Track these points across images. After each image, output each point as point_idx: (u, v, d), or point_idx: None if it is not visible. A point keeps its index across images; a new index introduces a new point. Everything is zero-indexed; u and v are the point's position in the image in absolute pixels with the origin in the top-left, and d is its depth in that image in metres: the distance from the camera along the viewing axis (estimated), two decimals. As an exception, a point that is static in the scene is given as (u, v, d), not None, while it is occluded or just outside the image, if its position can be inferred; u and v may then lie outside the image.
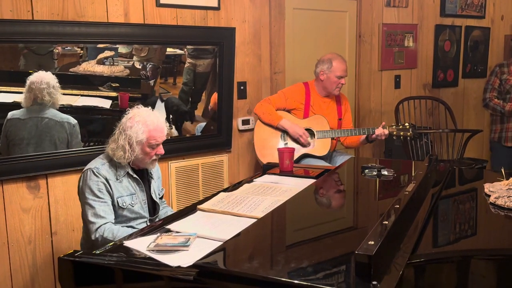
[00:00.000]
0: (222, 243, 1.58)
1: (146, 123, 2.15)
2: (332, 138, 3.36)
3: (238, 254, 1.55)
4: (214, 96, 3.46)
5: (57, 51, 2.77)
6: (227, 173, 3.61)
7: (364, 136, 3.35)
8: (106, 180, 2.13)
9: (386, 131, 3.28)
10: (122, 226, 2.16)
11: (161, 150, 2.21)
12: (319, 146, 3.34)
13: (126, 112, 2.21)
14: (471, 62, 5.19)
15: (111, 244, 1.74)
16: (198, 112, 3.45)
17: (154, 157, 2.21)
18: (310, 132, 3.35)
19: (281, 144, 3.33)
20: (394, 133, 3.32)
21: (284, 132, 3.35)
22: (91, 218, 2.08)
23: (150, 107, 2.24)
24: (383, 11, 4.40)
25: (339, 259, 1.46)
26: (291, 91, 3.44)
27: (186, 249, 1.60)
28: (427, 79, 4.86)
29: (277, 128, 3.35)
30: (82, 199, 2.14)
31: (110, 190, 2.14)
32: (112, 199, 2.14)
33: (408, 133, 3.29)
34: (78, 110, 2.90)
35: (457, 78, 5.11)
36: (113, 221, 2.12)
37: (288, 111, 3.42)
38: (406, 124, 3.34)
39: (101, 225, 2.07)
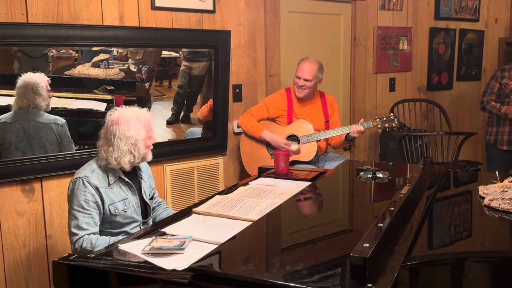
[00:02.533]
0: (217, 246, 1.58)
1: (139, 119, 2.17)
2: (318, 141, 3.35)
3: (233, 257, 1.55)
4: (203, 109, 3.46)
5: (51, 54, 2.76)
6: (223, 176, 3.60)
7: (344, 135, 3.34)
8: (97, 189, 2.09)
9: (361, 128, 3.26)
10: (114, 232, 2.16)
11: (155, 138, 2.28)
12: (306, 151, 3.33)
13: (102, 122, 2.19)
14: (465, 65, 5.22)
15: (104, 248, 1.74)
16: (194, 115, 3.45)
17: (152, 147, 2.26)
18: (295, 138, 3.35)
19: (268, 156, 3.34)
20: (379, 126, 3.28)
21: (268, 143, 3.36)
22: (72, 229, 2.07)
23: (123, 106, 2.21)
24: (377, 14, 4.42)
25: (334, 261, 1.46)
26: (272, 100, 3.43)
27: (181, 252, 1.60)
28: (421, 82, 4.89)
29: (259, 140, 3.36)
30: (69, 207, 2.13)
31: (100, 200, 2.10)
32: (101, 209, 2.11)
33: (393, 124, 3.26)
34: (73, 113, 2.89)
35: (452, 81, 5.14)
36: (95, 233, 2.09)
37: (273, 119, 3.42)
38: (391, 114, 3.32)
39: (81, 237, 2.04)
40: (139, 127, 2.15)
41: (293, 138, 3.36)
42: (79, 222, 2.06)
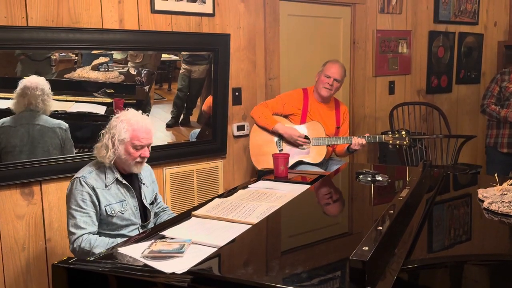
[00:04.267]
0: (216, 249, 1.58)
1: (130, 122, 2.14)
2: (328, 145, 3.36)
3: (232, 260, 1.55)
4: (208, 100, 3.45)
5: (54, 57, 2.76)
6: (222, 179, 3.60)
7: (346, 146, 3.35)
8: (93, 189, 2.11)
9: (363, 141, 3.26)
10: (112, 234, 2.16)
11: (145, 153, 2.18)
12: (315, 153, 3.33)
13: (115, 114, 2.21)
14: (464, 68, 5.23)
15: (104, 251, 1.74)
16: (193, 118, 3.45)
17: (139, 160, 2.17)
18: (306, 139, 3.35)
19: (276, 151, 3.33)
20: (390, 141, 3.29)
21: (280, 138, 3.35)
22: (71, 228, 2.08)
23: (140, 111, 2.22)
24: (377, 17, 4.43)
25: (333, 265, 1.46)
26: (288, 96, 3.44)
27: (181, 255, 1.60)
28: (421, 85, 4.89)
29: (272, 132, 3.35)
30: (67, 207, 2.14)
31: (96, 200, 2.11)
32: (98, 209, 2.12)
33: (405, 142, 3.26)
34: (73, 116, 2.89)
35: (451, 84, 5.14)
36: (94, 232, 2.09)
37: (286, 116, 3.42)
38: (403, 132, 3.31)
39: (79, 236, 2.05)
40: (126, 129, 2.13)
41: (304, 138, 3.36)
42: (77, 221, 2.07)
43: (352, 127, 4.40)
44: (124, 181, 2.20)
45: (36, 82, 2.69)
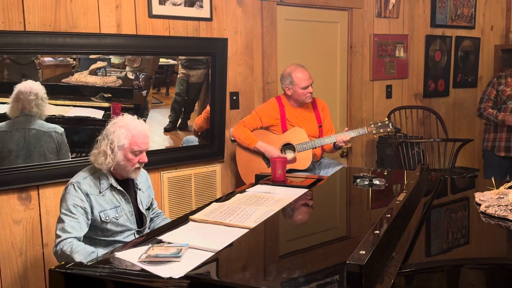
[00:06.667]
0: (214, 253, 1.58)
1: (129, 128, 2.14)
2: (313, 148, 3.35)
3: (230, 264, 1.55)
4: (197, 121, 3.45)
5: (38, 61, 2.74)
6: (220, 183, 3.60)
7: (332, 144, 3.35)
8: (87, 195, 2.11)
9: (347, 137, 3.25)
10: (108, 240, 2.16)
11: (144, 158, 2.18)
12: (301, 159, 3.32)
13: (111, 119, 2.20)
14: (461, 72, 5.24)
15: (102, 255, 1.73)
16: (191, 122, 3.45)
17: (137, 165, 2.17)
18: (291, 147, 3.35)
19: (264, 165, 3.34)
20: (374, 131, 3.28)
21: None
22: (58, 231, 2.08)
23: (136, 116, 2.22)
24: (374, 22, 4.44)
25: (331, 269, 1.46)
26: (264, 109, 3.43)
27: (178, 260, 1.59)
28: (418, 89, 4.90)
29: (254, 151, 3.36)
30: (60, 211, 2.14)
31: (89, 207, 2.11)
32: (89, 216, 2.11)
33: (388, 128, 3.26)
34: (70, 120, 2.89)
35: (448, 88, 5.16)
36: (80, 238, 2.08)
37: (267, 128, 3.42)
38: (386, 119, 3.31)
39: (63, 239, 2.04)
40: (125, 135, 2.12)
41: (289, 146, 3.36)
42: (65, 225, 2.06)
43: (350, 130, 4.39)
44: (118, 187, 2.20)
45: (30, 86, 2.68)
